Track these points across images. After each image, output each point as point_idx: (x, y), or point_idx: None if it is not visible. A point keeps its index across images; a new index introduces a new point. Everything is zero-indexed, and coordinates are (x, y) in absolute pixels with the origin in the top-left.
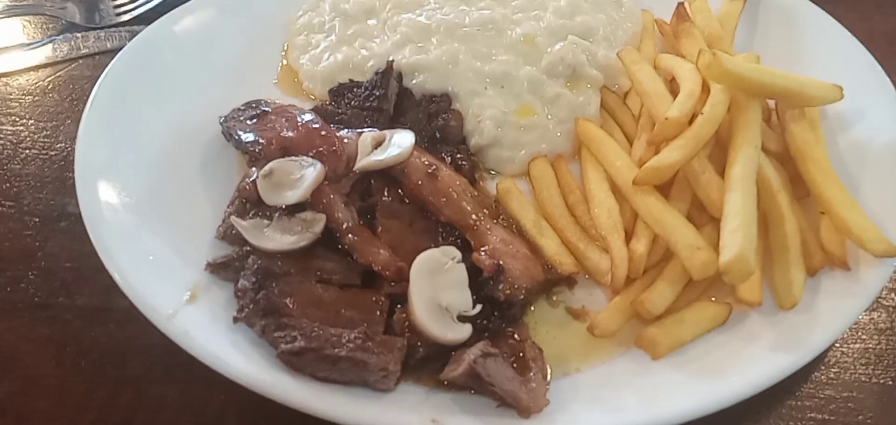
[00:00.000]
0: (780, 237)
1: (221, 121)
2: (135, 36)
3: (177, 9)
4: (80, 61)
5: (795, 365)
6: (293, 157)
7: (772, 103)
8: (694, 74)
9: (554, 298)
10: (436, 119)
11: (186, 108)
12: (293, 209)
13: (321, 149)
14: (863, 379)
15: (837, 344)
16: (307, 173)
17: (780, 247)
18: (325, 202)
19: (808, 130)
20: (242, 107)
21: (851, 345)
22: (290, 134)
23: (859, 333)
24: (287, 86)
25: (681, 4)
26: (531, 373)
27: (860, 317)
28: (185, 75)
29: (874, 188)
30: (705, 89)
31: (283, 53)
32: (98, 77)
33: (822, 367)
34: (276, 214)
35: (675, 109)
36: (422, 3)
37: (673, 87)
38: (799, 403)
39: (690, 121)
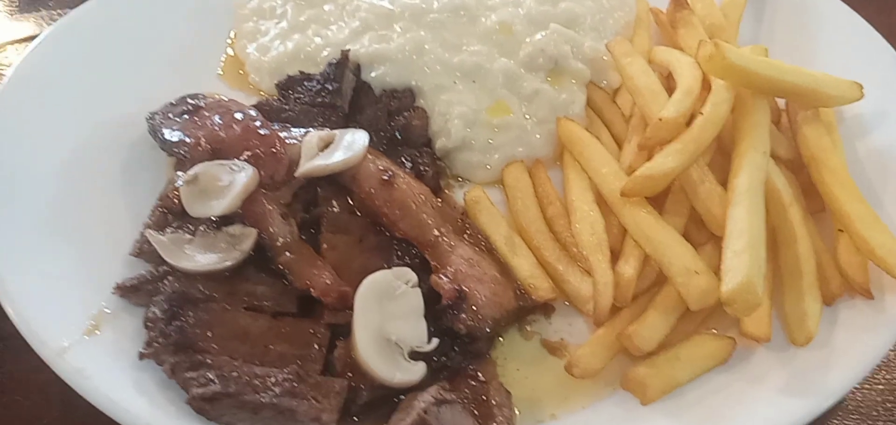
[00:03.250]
0: (792, 259)
1: (149, 118)
2: None
3: None
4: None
5: (810, 411)
6: (223, 161)
7: (782, 103)
8: (693, 69)
9: (527, 329)
10: (397, 117)
11: (112, 104)
12: (222, 222)
13: (258, 150)
14: None
15: (859, 386)
16: (237, 179)
17: (791, 271)
18: (258, 213)
19: (823, 134)
20: (175, 102)
21: (875, 387)
22: (222, 133)
23: (884, 373)
24: (232, 78)
25: None
26: (495, 423)
27: (886, 353)
28: (115, 65)
29: None
30: (706, 86)
31: (230, 42)
32: None
33: (841, 413)
34: (201, 228)
35: (671, 109)
36: None
37: (669, 84)
38: None
39: (688, 123)
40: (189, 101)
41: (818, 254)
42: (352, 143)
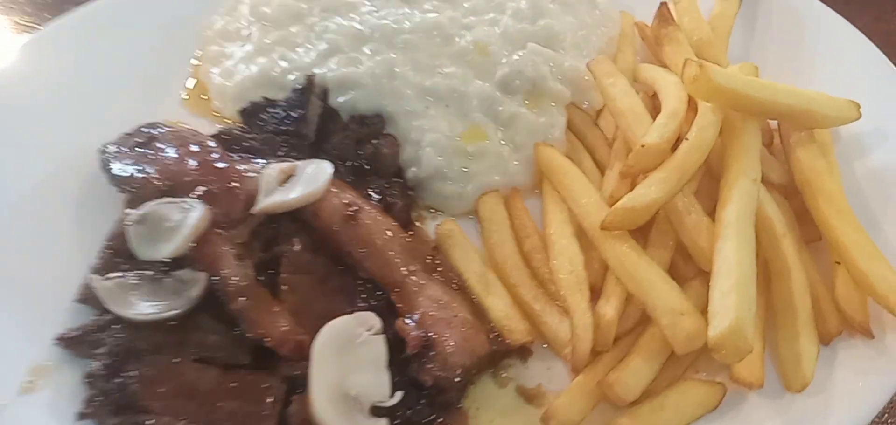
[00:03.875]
0: (786, 295)
1: (101, 150)
2: None
3: (72, 12)
4: None
5: None
6: (174, 198)
7: (773, 124)
8: (678, 89)
9: (502, 375)
10: (366, 145)
11: (68, 133)
12: (174, 265)
13: (213, 186)
14: None
15: None
16: (188, 219)
17: (785, 308)
18: (210, 255)
19: (817, 157)
20: (131, 133)
21: None
22: (175, 167)
23: (888, 417)
24: (197, 105)
25: (664, 4)
26: None
27: (889, 398)
28: (71, 93)
29: None
30: (692, 108)
31: (195, 66)
32: None
33: None
34: (149, 272)
35: (655, 134)
36: (356, 6)
37: (655, 104)
38: None
39: (674, 148)
40: (144, 130)
41: (814, 289)
42: (314, 176)
